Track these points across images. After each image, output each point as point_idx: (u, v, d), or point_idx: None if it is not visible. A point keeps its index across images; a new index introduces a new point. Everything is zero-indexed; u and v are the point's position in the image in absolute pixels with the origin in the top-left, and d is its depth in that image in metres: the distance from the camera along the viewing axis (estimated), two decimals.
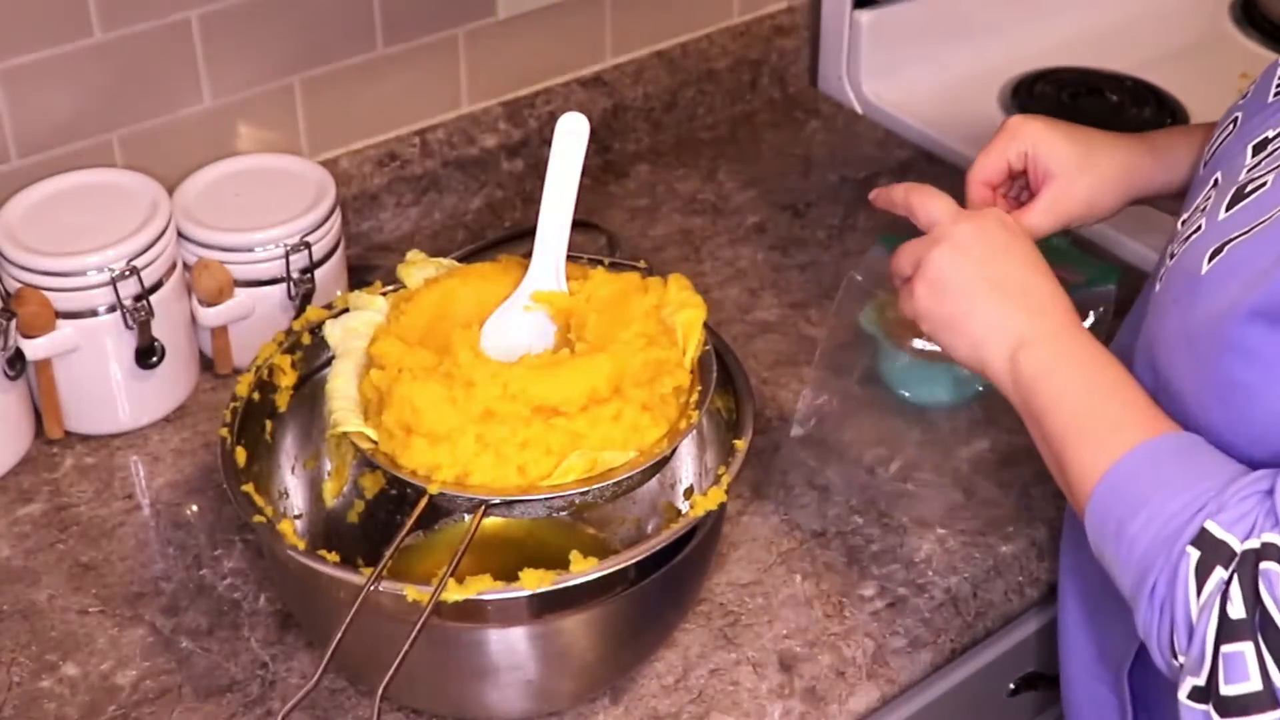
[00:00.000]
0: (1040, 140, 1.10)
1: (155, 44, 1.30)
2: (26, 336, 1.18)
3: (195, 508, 1.20)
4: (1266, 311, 0.82)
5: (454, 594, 0.92)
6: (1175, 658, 0.81)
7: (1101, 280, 1.18)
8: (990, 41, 1.75)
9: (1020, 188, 1.14)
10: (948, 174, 1.59)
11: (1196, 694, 0.79)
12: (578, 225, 1.07)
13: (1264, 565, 0.77)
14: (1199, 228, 0.92)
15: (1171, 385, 0.90)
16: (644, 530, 1.17)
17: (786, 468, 1.23)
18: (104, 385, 1.24)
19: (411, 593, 0.92)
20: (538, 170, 1.54)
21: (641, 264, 1.13)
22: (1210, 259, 0.88)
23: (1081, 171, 1.10)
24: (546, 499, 0.97)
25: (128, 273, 1.19)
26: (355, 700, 1.05)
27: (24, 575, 1.14)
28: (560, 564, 0.95)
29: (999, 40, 1.75)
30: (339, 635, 0.90)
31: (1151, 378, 0.92)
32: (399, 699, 1.04)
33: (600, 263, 1.11)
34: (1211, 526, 0.79)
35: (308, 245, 1.28)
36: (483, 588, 0.93)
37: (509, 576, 0.94)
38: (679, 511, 1.13)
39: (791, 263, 1.47)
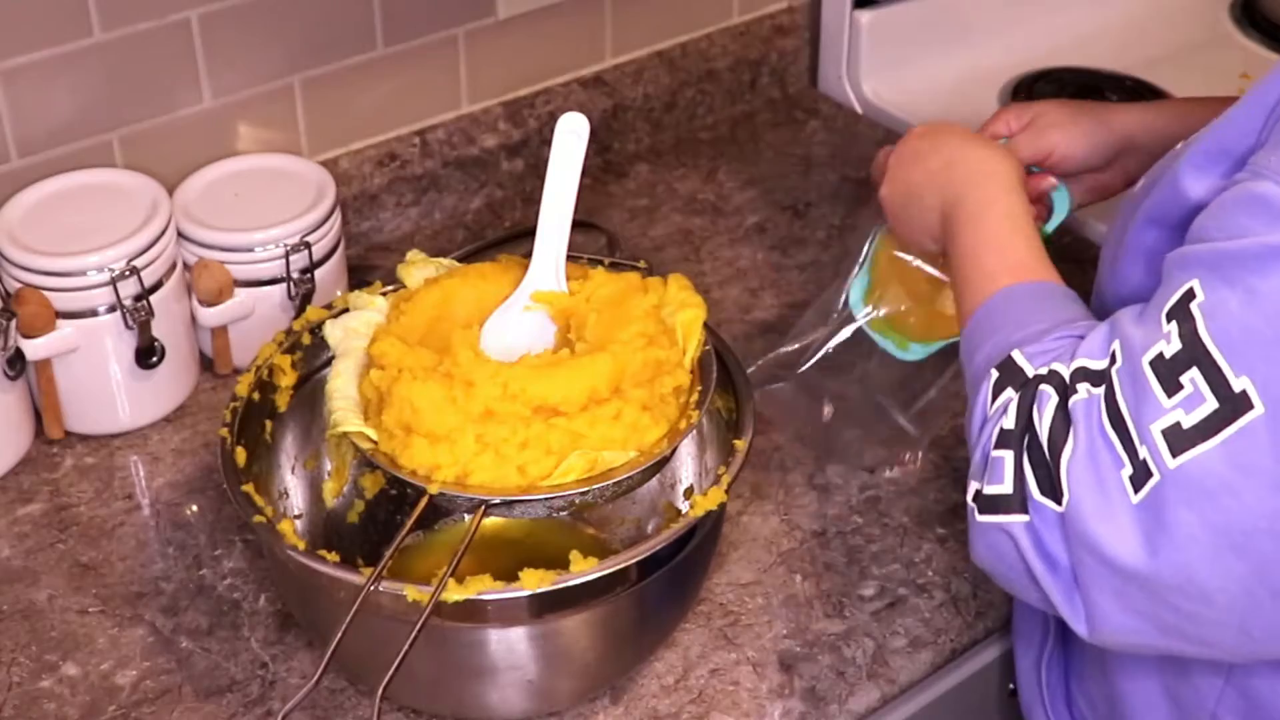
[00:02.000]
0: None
1: (155, 44, 1.30)
2: (26, 336, 1.18)
3: (195, 508, 1.20)
4: (1154, 218, 0.91)
5: (454, 594, 0.92)
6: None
7: None
8: (990, 41, 1.75)
9: None
10: None
11: (976, 497, 0.87)
12: (578, 225, 1.07)
13: (1042, 387, 0.85)
14: None
15: (1104, 294, 0.99)
16: (644, 530, 1.17)
17: (787, 468, 1.23)
18: (104, 385, 1.24)
19: (411, 593, 0.92)
20: (538, 170, 1.54)
21: (641, 264, 1.13)
22: (1144, 180, 0.97)
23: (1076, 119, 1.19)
24: (546, 499, 0.97)
25: (128, 273, 1.19)
26: (355, 700, 1.05)
27: (24, 575, 1.14)
28: (560, 564, 0.95)
29: (999, 40, 1.75)
30: (339, 635, 0.90)
31: (1098, 300, 1.01)
32: (399, 699, 1.04)
33: (600, 263, 1.11)
34: (1015, 355, 0.88)
35: (308, 245, 1.28)
36: (483, 588, 0.93)
37: (509, 576, 0.94)
38: (679, 511, 1.13)
39: (791, 263, 1.47)
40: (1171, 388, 0.79)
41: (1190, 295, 0.80)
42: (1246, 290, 0.77)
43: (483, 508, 0.96)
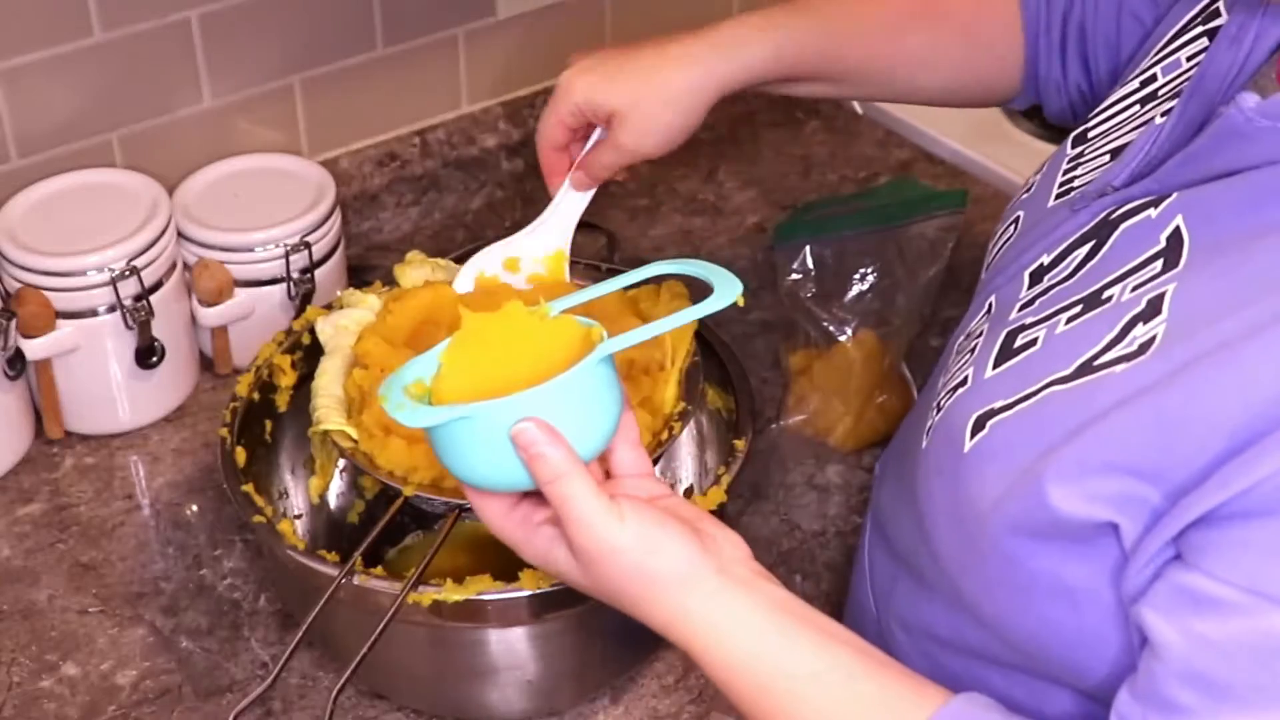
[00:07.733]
0: (591, 89, 1.07)
1: (155, 44, 1.30)
2: (26, 336, 1.18)
3: (195, 508, 1.20)
4: (1024, 528, 0.76)
5: (454, 594, 0.92)
6: None
7: (950, 204, 1.33)
8: None
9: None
10: (947, 174, 1.59)
11: None
12: (578, 225, 1.07)
13: None
14: (965, 380, 0.83)
15: (940, 555, 0.84)
16: None
17: (787, 468, 1.23)
18: (104, 385, 1.24)
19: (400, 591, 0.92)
20: (537, 170, 1.53)
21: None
22: (973, 432, 0.79)
23: (641, 100, 1.07)
24: None
25: (128, 273, 1.19)
26: (356, 700, 1.05)
27: (24, 575, 1.14)
28: None
29: None
30: (306, 624, 0.90)
31: (914, 527, 0.87)
32: (399, 699, 1.04)
33: (598, 268, 1.11)
34: None
35: (308, 245, 1.28)
36: (483, 588, 0.93)
37: (509, 576, 0.94)
38: None
39: None
40: None
41: None
42: None
43: (457, 512, 0.96)
